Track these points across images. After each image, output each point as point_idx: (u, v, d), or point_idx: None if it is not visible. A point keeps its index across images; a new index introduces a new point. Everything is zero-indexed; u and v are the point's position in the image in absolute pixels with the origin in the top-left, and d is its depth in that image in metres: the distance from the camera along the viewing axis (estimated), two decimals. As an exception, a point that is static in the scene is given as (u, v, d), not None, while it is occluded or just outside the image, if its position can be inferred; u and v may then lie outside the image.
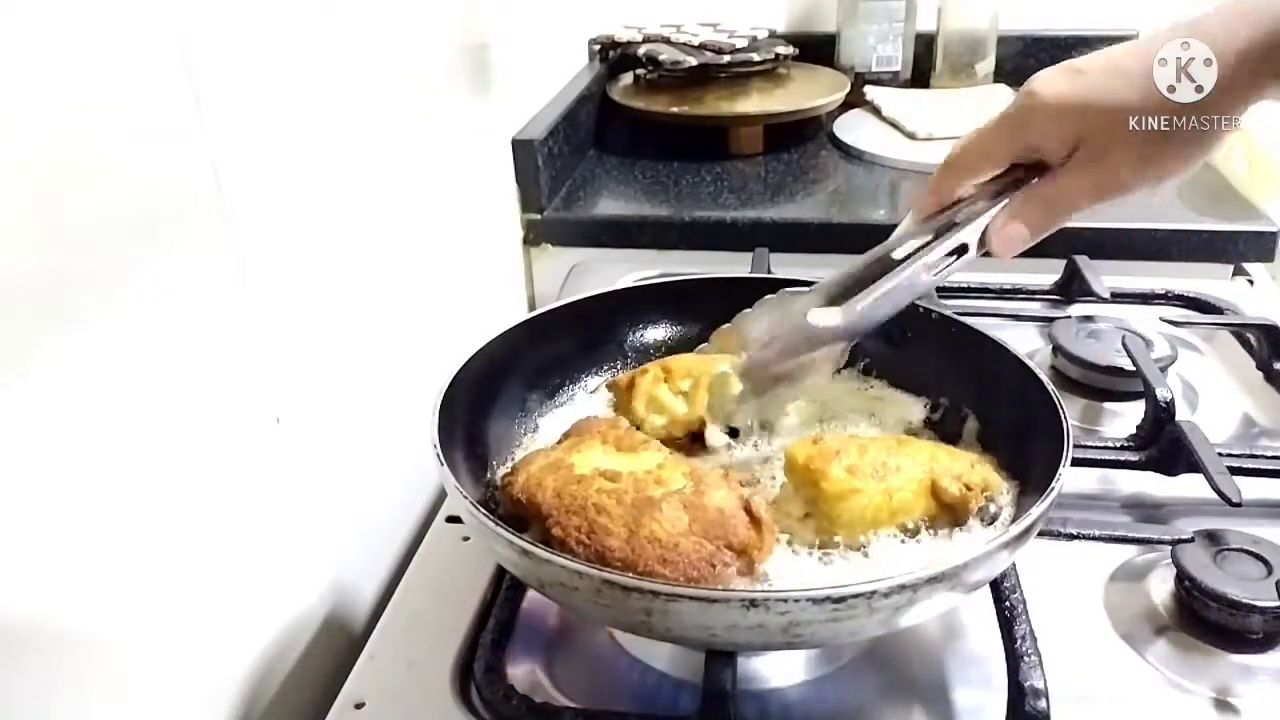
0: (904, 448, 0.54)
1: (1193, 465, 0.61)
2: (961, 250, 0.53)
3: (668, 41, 1.28)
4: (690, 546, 0.46)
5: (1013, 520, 0.46)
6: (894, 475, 0.51)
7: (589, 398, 0.66)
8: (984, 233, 0.52)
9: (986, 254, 0.53)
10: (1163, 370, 0.70)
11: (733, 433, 0.60)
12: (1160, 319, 0.80)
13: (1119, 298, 0.85)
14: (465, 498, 0.47)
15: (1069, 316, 0.81)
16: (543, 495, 0.50)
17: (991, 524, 0.53)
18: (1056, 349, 0.77)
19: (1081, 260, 0.87)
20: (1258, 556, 0.55)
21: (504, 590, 0.55)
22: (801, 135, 1.25)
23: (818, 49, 1.39)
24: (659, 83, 1.29)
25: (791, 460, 0.53)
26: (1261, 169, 1.03)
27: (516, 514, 0.51)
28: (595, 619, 0.55)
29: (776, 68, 1.31)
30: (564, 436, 0.57)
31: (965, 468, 0.53)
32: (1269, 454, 0.64)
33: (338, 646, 0.62)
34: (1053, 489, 0.46)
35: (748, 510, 0.49)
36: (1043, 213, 0.51)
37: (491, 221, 0.98)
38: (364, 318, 0.67)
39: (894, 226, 0.75)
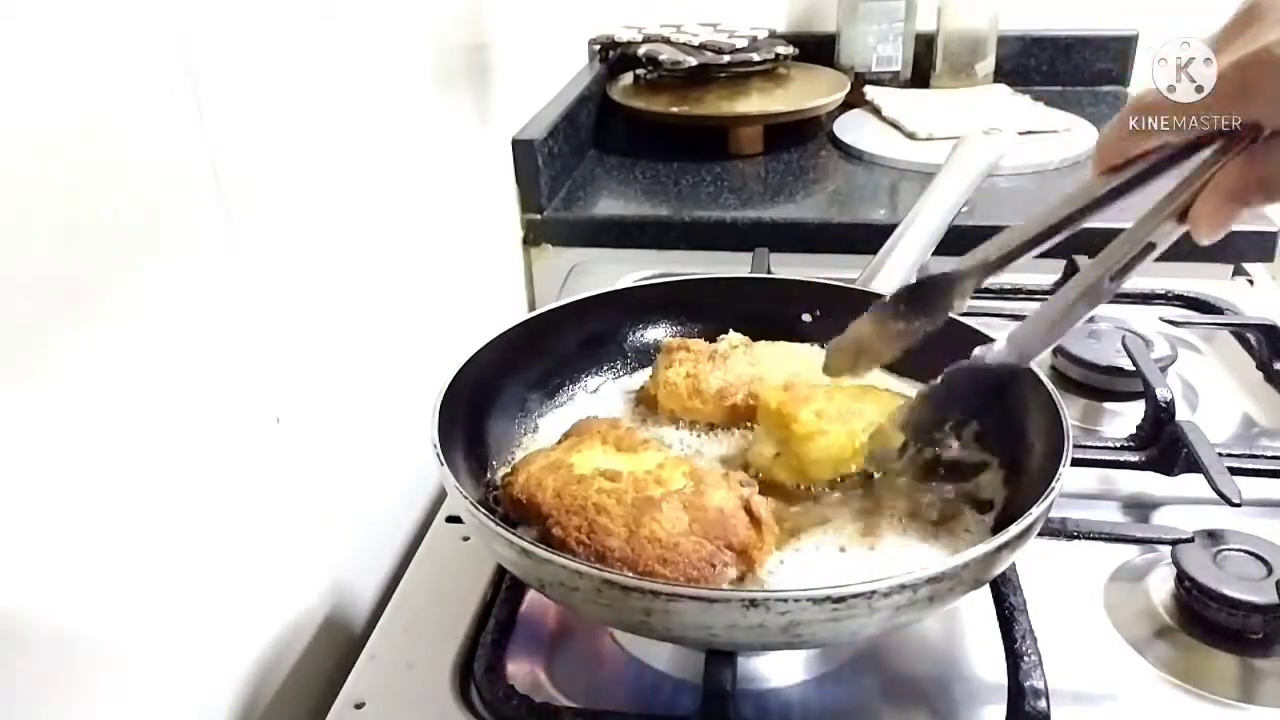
0: (868, 395, 0.56)
1: (1193, 465, 0.61)
2: (1148, 250, 0.47)
3: (668, 41, 1.28)
4: (690, 546, 0.46)
5: (1010, 518, 0.46)
6: (858, 420, 0.54)
7: (589, 398, 0.66)
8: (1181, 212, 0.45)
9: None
10: (1163, 370, 0.70)
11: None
12: (1160, 319, 0.80)
13: (1119, 298, 0.84)
14: (465, 498, 0.47)
15: (1069, 316, 0.81)
16: (543, 495, 0.50)
17: (983, 512, 0.54)
18: (1056, 349, 0.77)
19: (1081, 260, 0.87)
20: (1258, 556, 0.55)
21: (504, 590, 0.55)
22: (801, 135, 1.25)
23: (818, 49, 1.39)
24: (659, 83, 1.29)
25: (765, 405, 0.56)
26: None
27: (517, 514, 0.51)
28: (595, 619, 0.55)
29: (776, 68, 1.31)
30: (564, 437, 0.58)
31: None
32: (1269, 454, 0.64)
33: (338, 646, 0.62)
34: (1053, 489, 0.46)
35: (748, 510, 0.49)
36: (1269, 188, 0.41)
37: (491, 221, 0.98)
38: (364, 317, 0.67)
39: (894, 227, 0.75)
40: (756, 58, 1.26)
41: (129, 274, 0.43)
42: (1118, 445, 0.66)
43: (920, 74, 1.41)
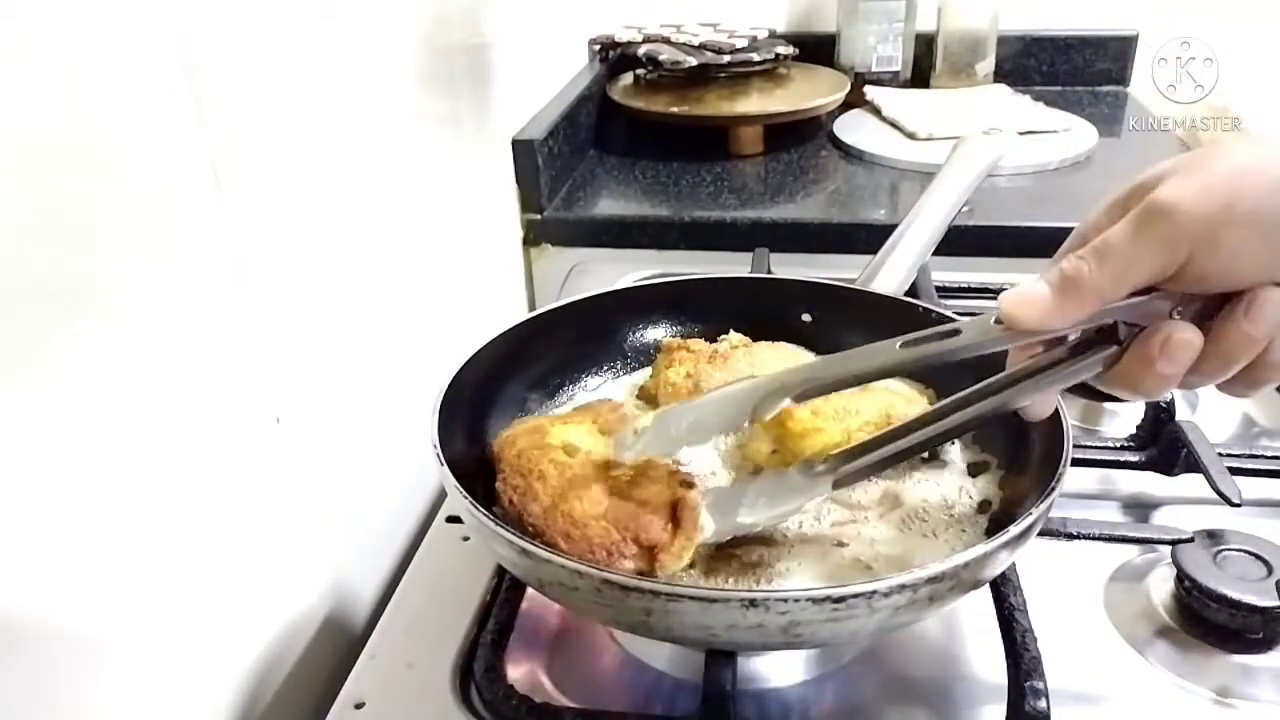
0: (864, 394, 0.56)
1: (1193, 465, 0.61)
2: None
3: (668, 41, 1.28)
4: (596, 531, 0.47)
5: (1010, 518, 0.46)
6: (853, 418, 0.54)
7: (589, 397, 0.66)
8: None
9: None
10: (1163, 370, 0.70)
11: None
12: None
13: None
14: (465, 498, 0.47)
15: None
16: (507, 452, 0.52)
17: (983, 512, 0.54)
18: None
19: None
20: (1258, 556, 0.55)
21: (504, 590, 0.55)
22: (801, 135, 1.25)
23: (818, 49, 1.39)
24: (659, 83, 1.29)
25: None
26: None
27: (493, 465, 0.53)
28: (595, 619, 0.55)
29: (776, 68, 1.31)
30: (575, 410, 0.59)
31: (917, 414, 0.55)
32: (1269, 454, 0.64)
33: (338, 646, 0.62)
34: (1053, 489, 0.46)
35: (673, 510, 0.48)
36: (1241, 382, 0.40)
37: (491, 221, 0.98)
38: (364, 317, 0.67)
39: (894, 227, 0.75)
40: (756, 58, 1.26)
41: (128, 274, 0.43)
42: (1118, 445, 0.66)
43: (920, 74, 1.41)
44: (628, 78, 1.34)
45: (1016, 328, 0.41)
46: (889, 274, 0.70)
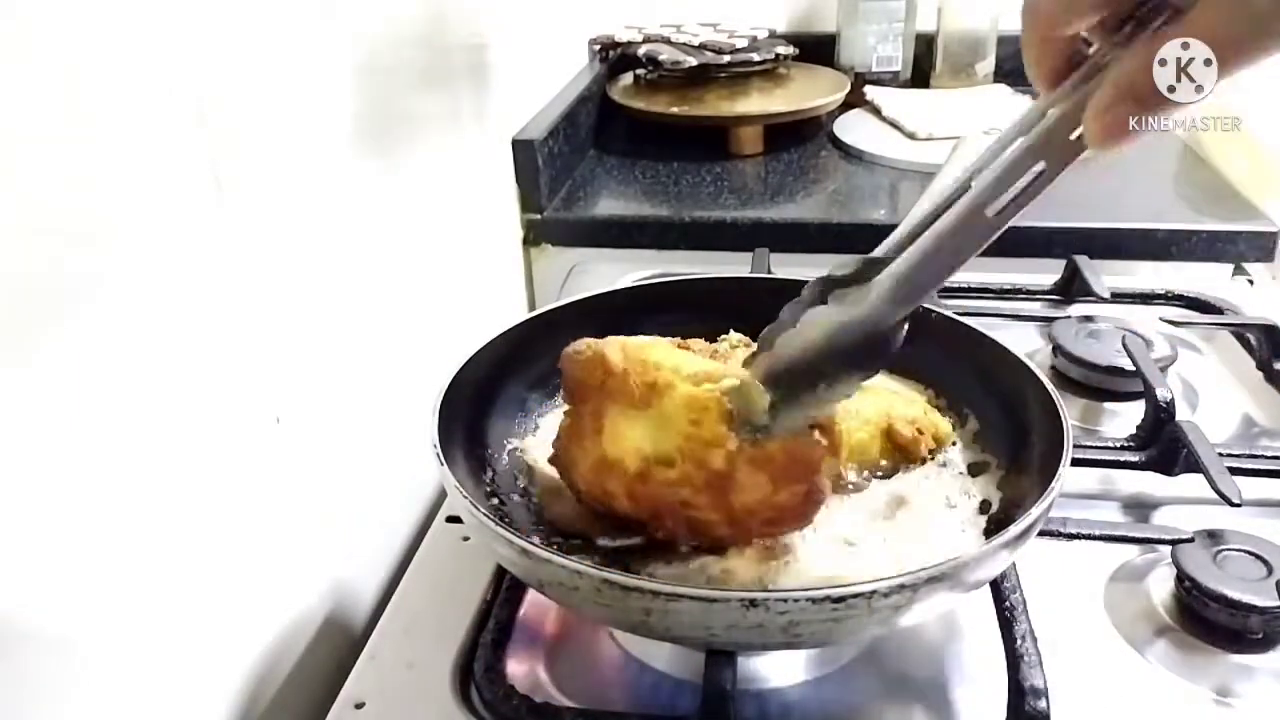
0: (863, 394, 0.55)
1: (1193, 465, 0.61)
2: (1033, 165, 0.39)
3: (668, 41, 1.28)
4: (786, 499, 0.46)
5: (1010, 518, 0.46)
6: (853, 419, 0.54)
7: (589, 398, 0.66)
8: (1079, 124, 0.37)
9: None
10: (1163, 370, 0.70)
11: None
12: (1160, 319, 0.80)
13: (1119, 298, 0.85)
14: (465, 498, 0.47)
15: (1069, 316, 0.81)
16: (619, 504, 0.49)
17: (983, 512, 0.54)
18: (1056, 349, 0.77)
19: (1081, 260, 0.87)
20: (1258, 556, 0.55)
21: (504, 590, 0.55)
22: (801, 135, 1.25)
23: (818, 49, 1.39)
24: (659, 83, 1.29)
25: None
26: (1262, 169, 1.03)
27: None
28: (595, 619, 0.55)
29: (776, 68, 1.31)
30: (567, 397, 0.54)
31: (918, 413, 0.57)
32: (1269, 454, 0.64)
33: (338, 646, 0.62)
34: (1053, 489, 0.46)
35: (813, 429, 0.47)
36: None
37: (491, 221, 0.98)
38: (364, 317, 0.67)
39: (894, 227, 0.75)
40: (756, 58, 1.26)
41: (128, 274, 0.43)
42: (1118, 445, 0.66)
43: (920, 74, 1.41)
44: (628, 78, 1.34)
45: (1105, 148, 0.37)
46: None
